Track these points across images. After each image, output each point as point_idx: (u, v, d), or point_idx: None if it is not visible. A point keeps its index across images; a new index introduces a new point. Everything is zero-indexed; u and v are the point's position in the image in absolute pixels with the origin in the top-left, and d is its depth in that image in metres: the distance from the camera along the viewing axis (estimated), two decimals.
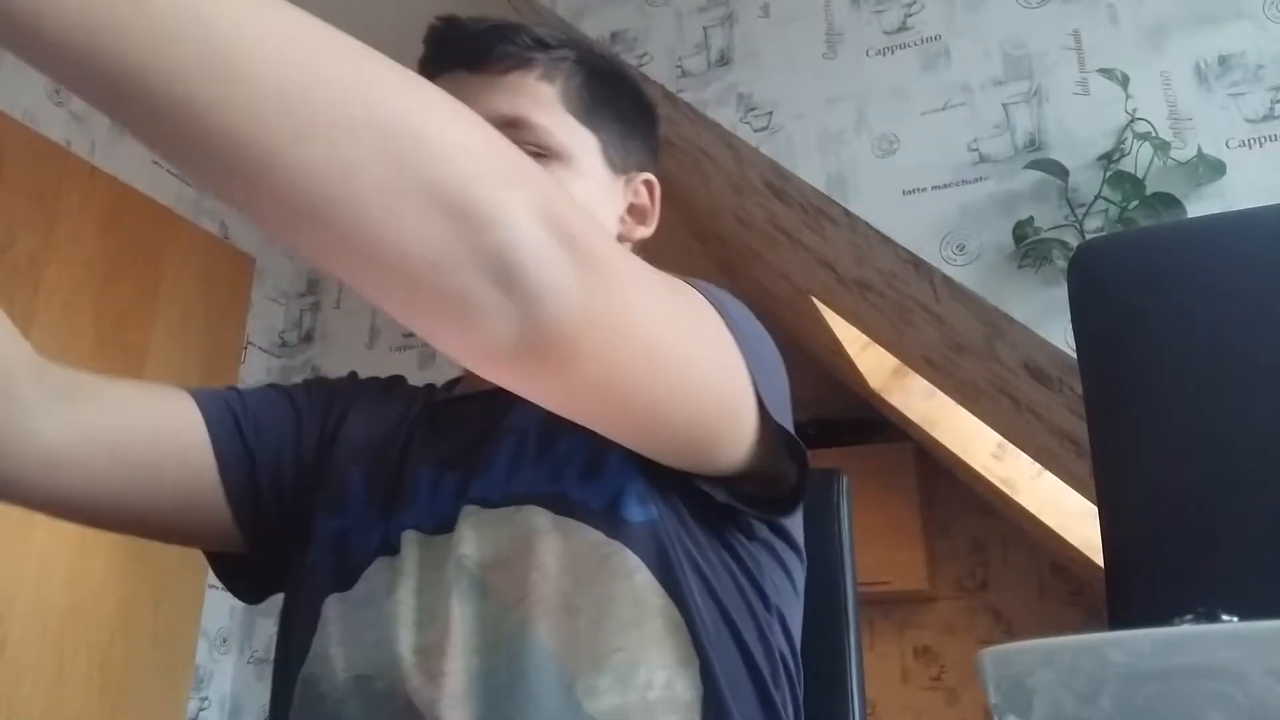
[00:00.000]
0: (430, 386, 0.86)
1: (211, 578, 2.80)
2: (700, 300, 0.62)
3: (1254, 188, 1.61)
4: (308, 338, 3.12)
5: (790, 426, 0.66)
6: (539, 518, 0.66)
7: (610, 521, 0.65)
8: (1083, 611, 4.16)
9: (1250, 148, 1.65)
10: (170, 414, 0.73)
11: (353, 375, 0.87)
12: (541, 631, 0.62)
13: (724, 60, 2.07)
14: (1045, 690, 0.29)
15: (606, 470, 0.67)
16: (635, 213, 0.82)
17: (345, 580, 0.69)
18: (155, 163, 2.74)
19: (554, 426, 0.69)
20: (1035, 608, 4.29)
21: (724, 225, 3.01)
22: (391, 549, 0.69)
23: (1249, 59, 1.69)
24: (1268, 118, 1.66)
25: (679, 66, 2.11)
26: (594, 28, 2.22)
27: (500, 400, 0.71)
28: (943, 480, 4.46)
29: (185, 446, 0.72)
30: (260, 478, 0.75)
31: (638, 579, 0.64)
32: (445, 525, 0.68)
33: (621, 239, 0.81)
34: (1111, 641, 0.28)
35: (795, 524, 0.76)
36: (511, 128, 0.71)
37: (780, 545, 0.74)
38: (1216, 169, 1.62)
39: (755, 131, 2.00)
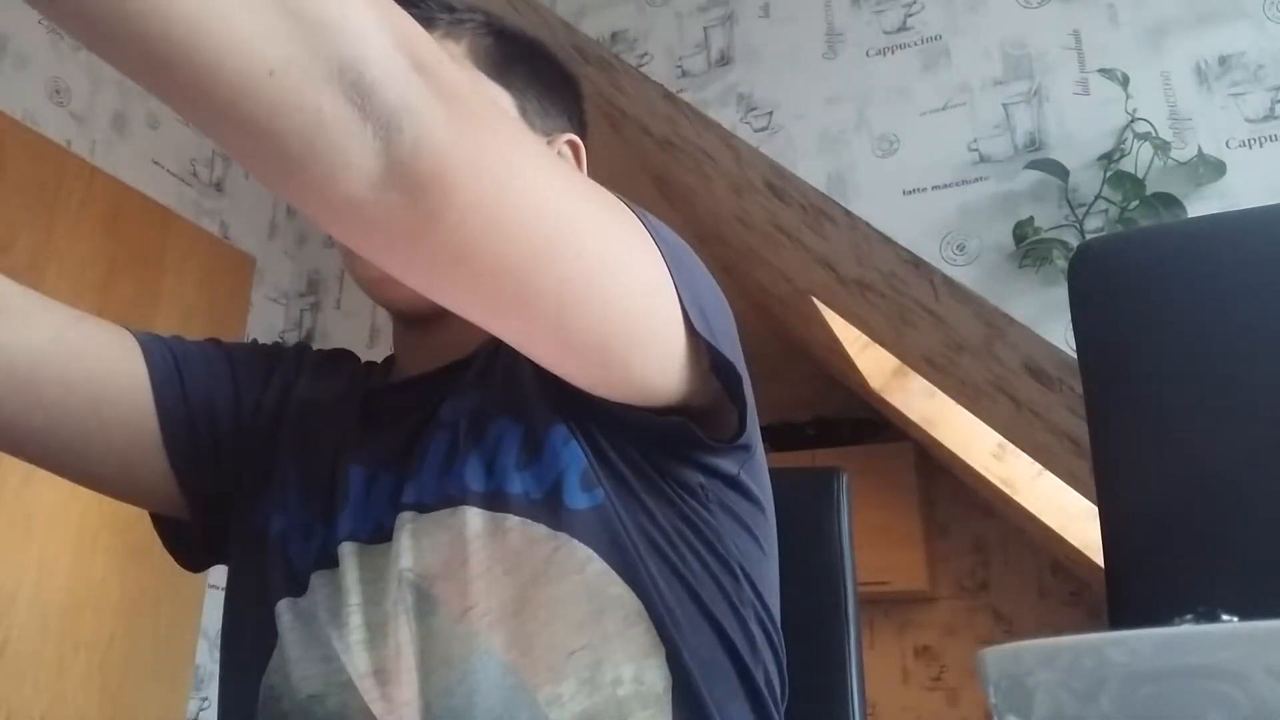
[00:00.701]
0: (371, 365, 0.82)
1: (211, 577, 2.80)
2: (604, 191, 0.56)
3: (1254, 188, 1.61)
4: (308, 338, 3.12)
5: (730, 354, 0.61)
6: (475, 519, 0.61)
7: (553, 512, 0.61)
8: (1083, 611, 4.16)
9: (1250, 148, 1.65)
10: (111, 345, 0.71)
11: (300, 346, 0.84)
12: (495, 644, 0.58)
13: (724, 60, 2.07)
14: (1045, 690, 0.29)
15: (545, 453, 0.63)
16: None
17: (294, 586, 0.66)
18: (155, 163, 2.74)
19: (486, 412, 0.65)
20: (1035, 608, 4.29)
21: (724, 226, 3.01)
22: (330, 561, 0.65)
23: (1249, 59, 1.69)
24: (1268, 118, 1.66)
25: (679, 66, 2.11)
26: (594, 28, 2.22)
27: (434, 387, 0.70)
28: (943, 480, 4.47)
29: (125, 379, 0.70)
30: (198, 427, 0.73)
31: (589, 570, 0.60)
32: (382, 534, 0.64)
33: None
34: (1111, 641, 0.28)
35: (753, 474, 0.70)
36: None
37: (742, 505, 0.69)
38: (1216, 169, 1.62)
39: (755, 132, 2.00)
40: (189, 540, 0.80)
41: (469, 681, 0.58)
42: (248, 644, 0.66)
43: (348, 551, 0.64)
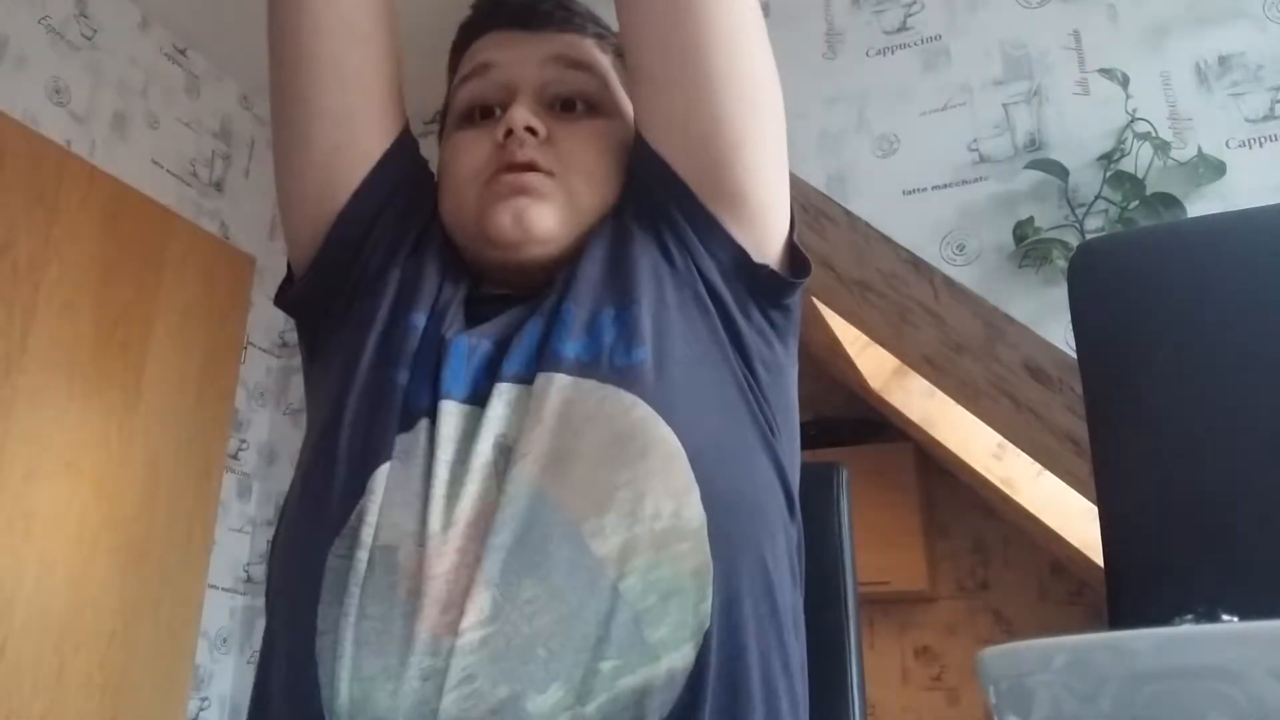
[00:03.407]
0: None
1: (211, 577, 2.81)
2: None
3: (1254, 188, 1.61)
4: None
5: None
6: (549, 382, 0.66)
7: (604, 369, 0.66)
8: (1083, 611, 4.16)
9: (1250, 148, 1.65)
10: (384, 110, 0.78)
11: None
12: (545, 484, 0.62)
13: None
14: (1045, 690, 0.29)
15: (600, 325, 0.69)
16: None
17: (404, 425, 0.67)
18: (155, 163, 2.74)
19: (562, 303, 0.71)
20: (1035, 608, 4.29)
21: None
22: (431, 413, 0.67)
23: (1249, 59, 1.69)
24: (1268, 118, 1.66)
25: None
26: None
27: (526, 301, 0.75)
28: (943, 480, 4.47)
29: (380, 101, 0.77)
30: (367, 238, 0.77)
31: (635, 413, 0.64)
32: (477, 398, 0.67)
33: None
34: (1111, 641, 0.28)
35: (791, 332, 0.79)
36: (574, 68, 0.77)
37: (784, 368, 0.76)
38: (1216, 169, 1.62)
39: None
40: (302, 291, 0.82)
41: (518, 518, 0.61)
42: (334, 490, 0.65)
43: (448, 409, 0.67)
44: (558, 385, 0.65)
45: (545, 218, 0.73)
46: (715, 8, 0.70)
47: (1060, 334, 1.66)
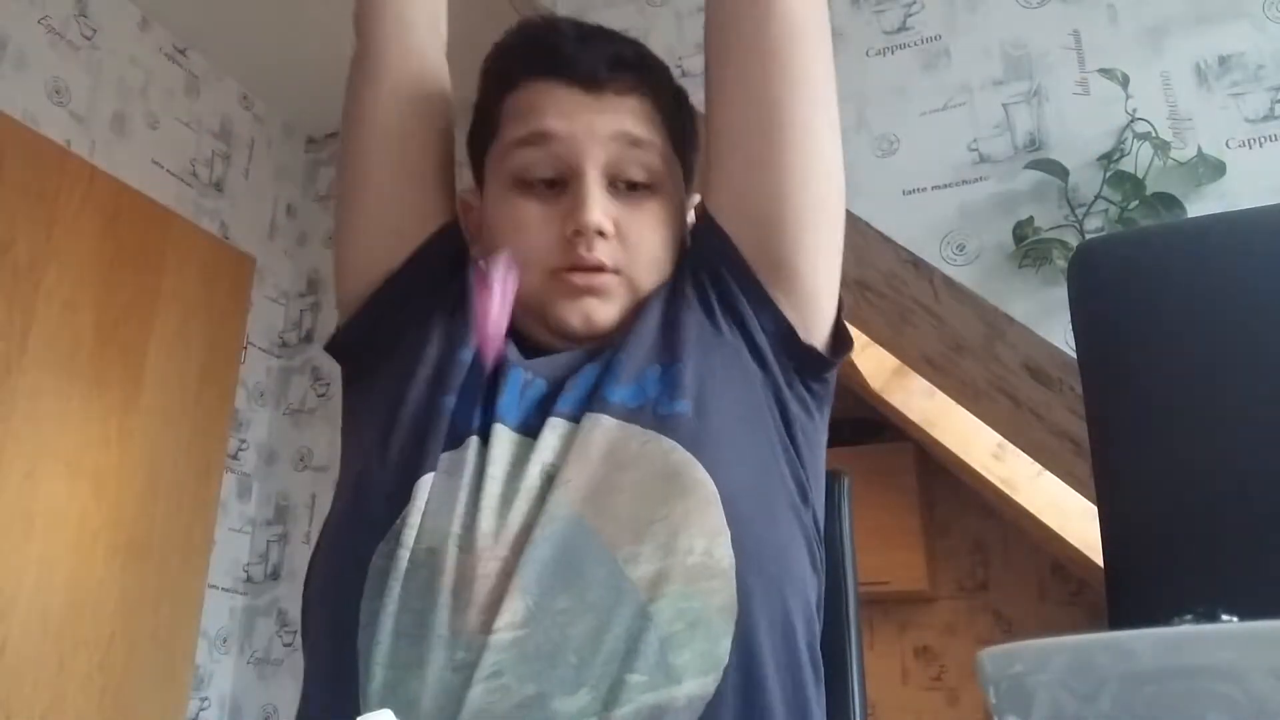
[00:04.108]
0: None
1: (211, 577, 2.81)
2: None
3: (1254, 188, 1.61)
4: (308, 338, 3.12)
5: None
6: (596, 422, 0.69)
7: (648, 417, 0.70)
8: (1083, 611, 4.16)
9: (1250, 148, 1.65)
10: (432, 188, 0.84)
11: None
12: (583, 512, 0.65)
13: None
14: (1045, 690, 0.29)
15: (646, 374, 0.72)
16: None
17: (451, 443, 0.71)
18: (155, 163, 2.74)
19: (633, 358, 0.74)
20: (1035, 608, 4.29)
21: None
22: (484, 434, 0.70)
23: (1249, 59, 1.69)
24: (1268, 118, 1.66)
25: (679, 66, 2.10)
26: None
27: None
28: (943, 480, 4.46)
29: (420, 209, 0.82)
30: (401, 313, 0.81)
31: (674, 457, 0.67)
32: (528, 429, 0.71)
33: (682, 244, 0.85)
34: (1111, 641, 0.28)
35: (826, 404, 0.82)
36: (636, 147, 0.77)
37: (821, 428, 0.80)
38: (1216, 169, 1.62)
39: None
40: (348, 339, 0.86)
41: (556, 536, 0.64)
42: (381, 494, 0.69)
43: (501, 433, 0.70)
44: (604, 426, 0.69)
45: (610, 314, 0.77)
46: (804, 111, 0.76)
47: (1060, 334, 1.66)
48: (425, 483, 0.68)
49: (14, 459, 2.24)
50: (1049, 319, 1.68)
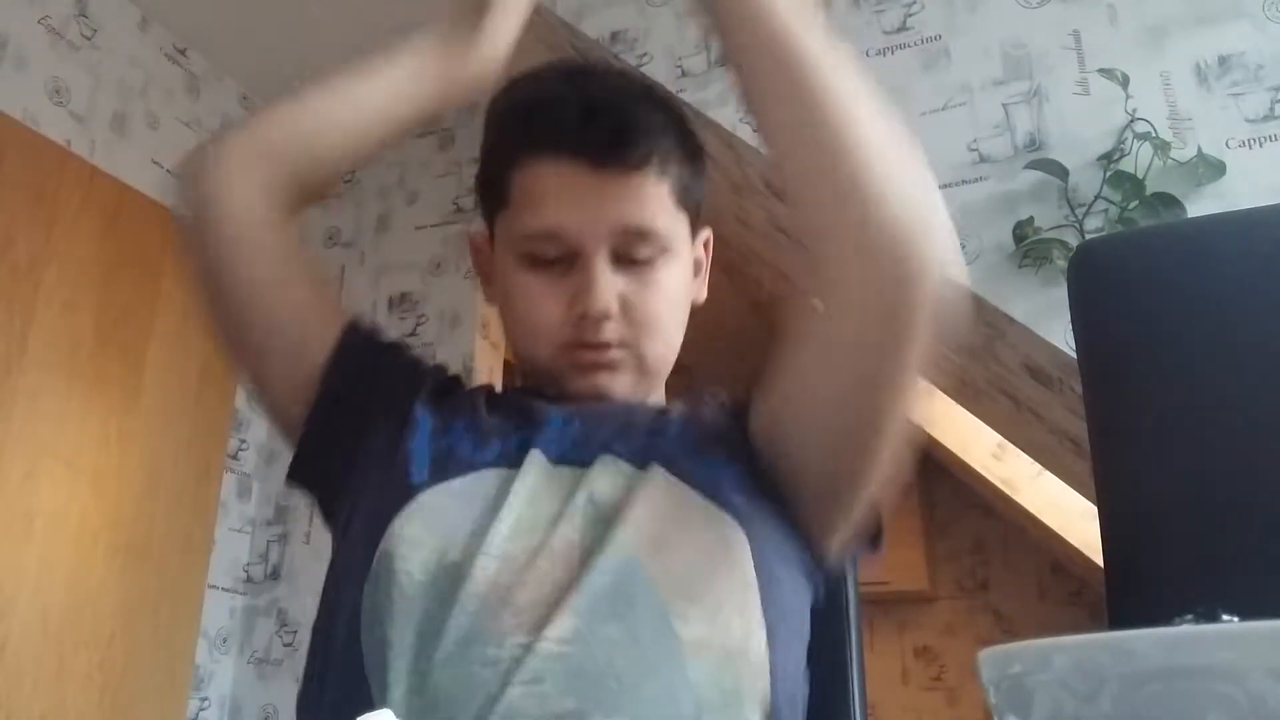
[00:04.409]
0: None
1: (211, 577, 2.80)
2: None
3: (1254, 188, 1.61)
4: None
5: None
6: (658, 475, 0.71)
7: (715, 495, 0.71)
8: (1083, 611, 4.16)
9: (1250, 148, 1.65)
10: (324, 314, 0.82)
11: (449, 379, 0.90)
12: (642, 557, 0.66)
13: (724, 60, 2.07)
14: (1045, 690, 0.29)
15: (726, 479, 0.73)
16: (698, 265, 0.87)
17: (448, 474, 0.72)
18: (155, 163, 2.74)
19: (699, 438, 0.76)
20: (1035, 608, 4.29)
21: (724, 226, 3.01)
22: (511, 462, 0.72)
23: (1249, 59, 1.69)
24: (1268, 118, 1.66)
25: (679, 66, 2.11)
26: (594, 28, 2.22)
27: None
28: (943, 480, 4.46)
29: (308, 335, 0.80)
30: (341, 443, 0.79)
31: (730, 534, 0.69)
32: (570, 460, 0.72)
33: (695, 294, 0.86)
34: (1111, 641, 0.28)
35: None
36: (639, 238, 0.76)
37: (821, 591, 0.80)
38: (1216, 169, 1.62)
39: (755, 131, 2.00)
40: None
41: (613, 571, 0.65)
42: (371, 517, 0.71)
43: (536, 459, 0.72)
44: (670, 481, 0.71)
45: (622, 385, 0.79)
46: (895, 405, 0.71)
47: (1060, 334, 1.66)
48: (430, 498, 0.69)
49: (14, 459, 2.24)
50: (1049, 319, 1.68)
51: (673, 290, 0.80)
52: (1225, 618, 0.31)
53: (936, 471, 4.44)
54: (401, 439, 0.74)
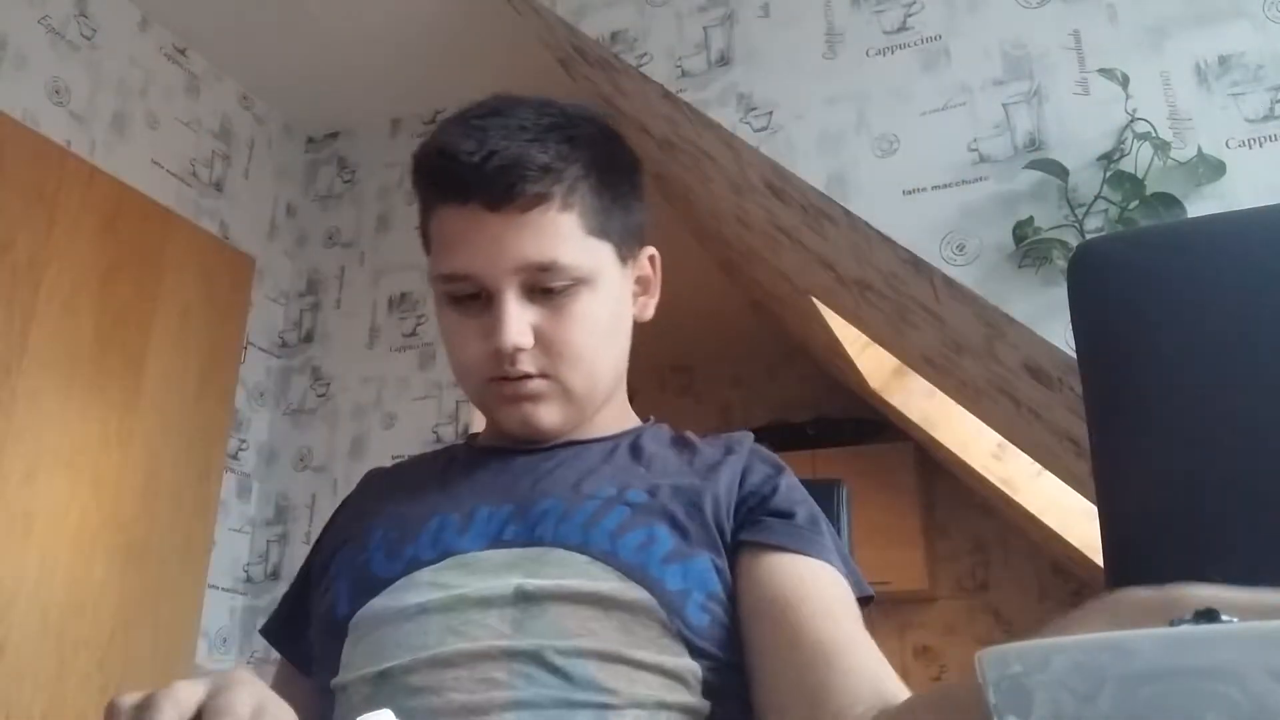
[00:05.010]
0: (451, 447, 0.95)
1: (211, 577, 2.79)
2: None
3: (1254, 188, 1.61)
4: (308, 338, 3.12)
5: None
6: (618, 584, 0.71)
7: (677, 613, 0.71)
8: None
9: (1250, 148, 1.65)
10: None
11: (363, 479, 0.94)
12: (592, 661, 0.68)
13: (724, 60, 2.07)
14: (1045, 690, 0.29)
15: (695, 563, 0.74)
16: (640, 284, 0.88)
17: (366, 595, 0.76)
18: (155, 163, 2.74)
19: (661, 507, 0.77)
20: (1035, 608, 4.29)
21: (724, 225, 3.01)
22: (421, 564, 0.75)
23: (1249, 59, 1.69)
24: (1268, 118, 1.66)
25: (679, 66, 2.11)
26: (594, 28, 2.22)
27: (549, 456, 0.83)
28: (943, 480, 4.46)
29: None
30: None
31: (683, 662, 0.70)
32: (499, 543, 0.75)
33: (636, 316, 0.87)
34: (1110, 641, 0.28)
35: None
36: (543, 271, 0.77)
37: None
38: (1216, 169, 1.62)
39: (755, 131, 2.00)
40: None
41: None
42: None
43: (452, 562, 0.75)
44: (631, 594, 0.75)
45: (550, 415, 0.81)
46: None
47: (1060, 334, 1.66)
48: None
49: (14, 459, 2.24)
50: (1049, 319, 1.68)
51: (592, 318, 0.80)
52: (1225, 618, 0.31)
53: (936, 471, 4.44)
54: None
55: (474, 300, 0.80)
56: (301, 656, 0.84)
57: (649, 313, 0.89)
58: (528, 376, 0.79)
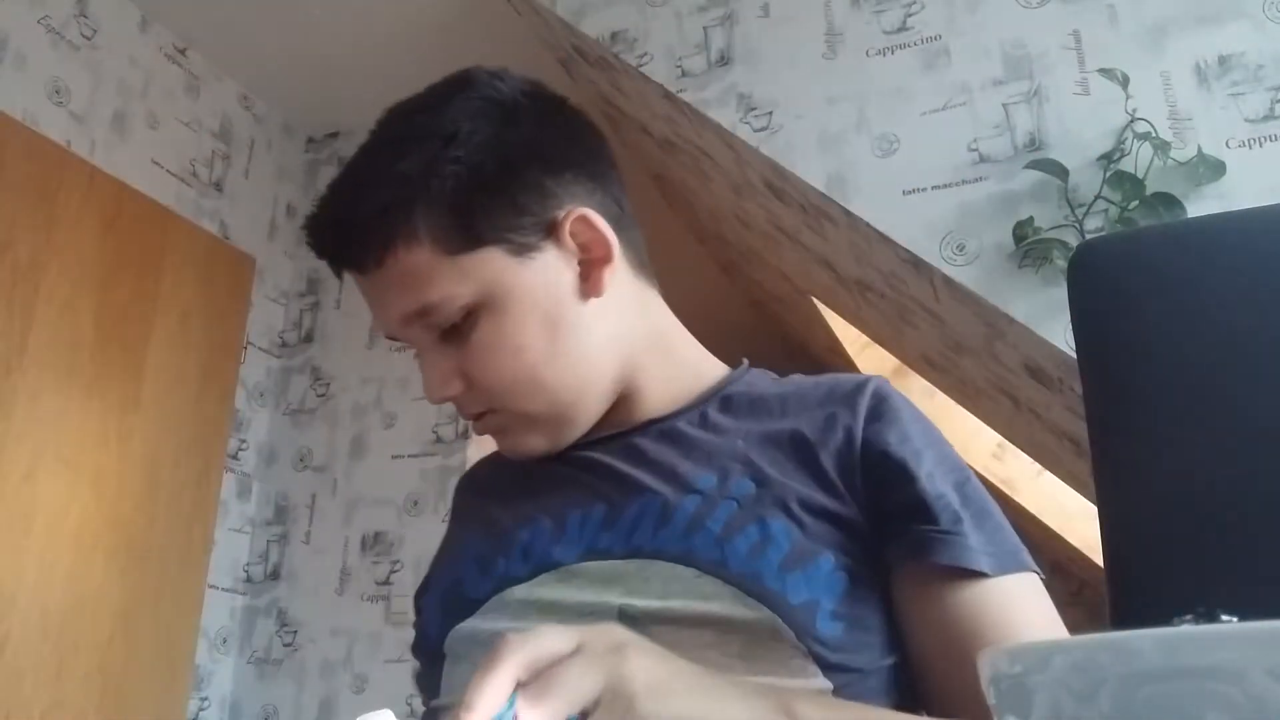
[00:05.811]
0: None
1: (211, 577, 2.80)
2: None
3: (1254, 188, 1.61)
4: (308, 338, 3.12)
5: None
6: (733, 603, 0.64)
7: (806, 630, 0.64)
8: (1083, 611, 4.15)
9: (1250, 148, 1.65)
10: None
11: (459, 484, 0.91)
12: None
13: (724, 60, 2.07)
14: (1045, 690, 0.29)
15: (812, 568, 0.65)
16: (587, 251, 0.75)
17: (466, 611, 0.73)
18: (155, 163, 2.74)
19: (760, 497, 0.69)
20: None
21: (724, 225, 3.01)
22: (513, 581, 0.72)
23: (1249, 59, 1.69)
24: (1268, 118, 1.66)
25: (679, 66, 2.11)
26: (594, 28, 2.22)
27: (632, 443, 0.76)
28: None
29: None
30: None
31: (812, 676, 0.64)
32: (593, 556, 0.70)
33: (588, 295, 0.75)
34: (1110, 641, 0.28)
35: None
36: (426, 317, 0.72)
37: None
38: (1216, 169, 1.62)
39: (755, 131, 2.00)
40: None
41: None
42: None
43: (547, 578, 0.70)
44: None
45: (528, 442, 0.77)
46: None
47: (1060, 334, 1.66)
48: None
49: (14, 459, 2.24)
50: (1049, 319, 1.68)
51: (506, 339, 0.72)
52: (1225, 618, 0.31)
53: None
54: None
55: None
56: None
57: (606, 276, 0.75)
58: (479, 416, 0.76)
